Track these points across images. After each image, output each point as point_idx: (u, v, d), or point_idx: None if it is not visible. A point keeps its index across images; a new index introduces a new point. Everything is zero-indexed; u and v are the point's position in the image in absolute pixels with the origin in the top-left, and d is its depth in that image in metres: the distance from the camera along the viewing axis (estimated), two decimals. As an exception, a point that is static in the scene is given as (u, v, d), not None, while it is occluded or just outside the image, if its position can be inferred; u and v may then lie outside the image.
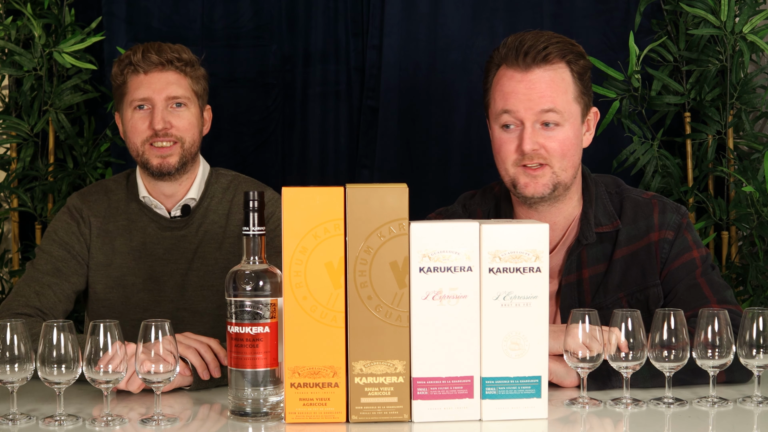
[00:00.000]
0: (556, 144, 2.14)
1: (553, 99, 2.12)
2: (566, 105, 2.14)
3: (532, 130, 2.13)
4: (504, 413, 1.78)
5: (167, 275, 2.45)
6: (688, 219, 2.26)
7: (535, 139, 2.13)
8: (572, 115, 2.16)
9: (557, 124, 2.13)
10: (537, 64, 2.13)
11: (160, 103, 2.39)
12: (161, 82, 2.40)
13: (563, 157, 2.15)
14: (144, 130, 2.40)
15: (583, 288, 2.22)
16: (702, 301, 2.15)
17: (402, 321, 1.76)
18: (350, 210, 1.75)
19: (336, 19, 3.11)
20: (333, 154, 3.14)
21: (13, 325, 1.77)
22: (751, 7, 2.97)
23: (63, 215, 2.47)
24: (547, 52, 2.13)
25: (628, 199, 2.26)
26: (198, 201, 2.48)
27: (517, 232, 1.77)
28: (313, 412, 1.76)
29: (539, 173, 2.15)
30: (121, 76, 2.43)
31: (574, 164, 2.18)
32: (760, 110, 3.06)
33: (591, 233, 2.21)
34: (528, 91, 2.12)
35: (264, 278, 1.77)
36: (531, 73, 2.13)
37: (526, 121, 2.13)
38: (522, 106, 2.12)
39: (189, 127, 2.42)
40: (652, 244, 2.22)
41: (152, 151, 2.40)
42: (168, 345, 1.78)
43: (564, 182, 2.17)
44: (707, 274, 2.20)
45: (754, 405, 1.87)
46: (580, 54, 2.19)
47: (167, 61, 2.40)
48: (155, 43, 2.43)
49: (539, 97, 2.12)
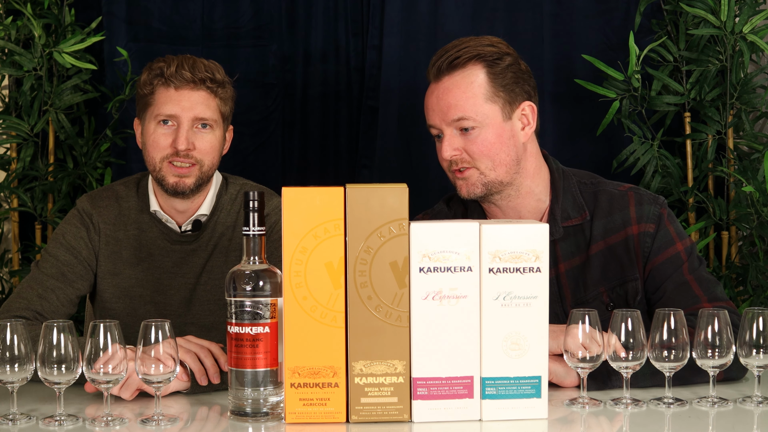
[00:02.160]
0: (476, 147, 2.19)
1: (461, 107, 2.18)
2: (476, 108, 2.18)
3: (451, 137, 2.20)
4: (504, 413, 1.78)
5: (174, 289, 2.44)
6: (668, 209, 2.26)
7: (454, 145, 2.20)
8: (487, 117, 2.19)
9: (473, 128, 2.18)
10: (445, 71, 2.20)
11: (186, 123, 2.33)
12: (190, 100, 2.34)
13: (486, 157, 2.19)
14: (165, 146, 2.34)
15: (561, 282, 2.23)
16: (693, 300, 2.15)
17: (402, 321, 1.76)
18: (350, 210, 1.75)
19: (336, 19, 3.11)
20: (333, 154, 3.14)
21: (13, 325, 1.77)
22: (751, 7, 2.98)
23: (72, 218, 2.44)
24: (453, 57, 2.18)
25: (603, 192, 2.27)
26: (209, 216, 2.46)
27: (517, 232, 1.77)
28: (313, 412, 1.76)
29: (466, 175, 2.21)
30: (150, 85, 2.36)
31: (504, 162, 2.21)
32: (760, 110, 3.06)
33: (557, 228, 2.23)
34: (438, 102, 2.21)
35: (264, 278, 1.77)
36: (441, 83, 2.21)
37: (444, 131, 2.21)
38: (437, 118, 2.22)
39: (210, 150, 2.37)
40: (631, 238, 2.22)
41: (170, 168, 2.34)
42: (168, 348, 1.78)
43: (496, 180, 2.21)
44: (695, 270, 2.20)
45: (754, 405, 1.88)
46: (499, 52, 2.20)
47: (200, 80, 2.34)
48: (190, 58, 2.37)
49: (447, 108, 2.19)
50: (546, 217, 2.25)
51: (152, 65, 2.39)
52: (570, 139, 3.10)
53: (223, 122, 2.41)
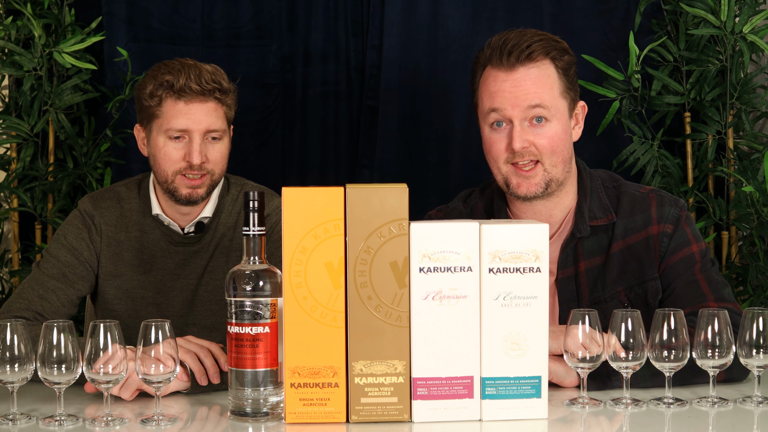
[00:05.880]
0: (546, 140, 2.16)
1: (539, 95, 2.15)
2: (553, 100, 2.16)
3: (521, 127, 2.15)
4: (504, 413, 1.78)
5: (176, 290, 2.44)
6: (687, 212, 2.27)
7: (524, 136, 2.15)
8: (559, 111, 2.18)
9: (546, 119, 2.16)
10: (521, 62, 2.15)
11: (198, 137, 2.33)
12: (200, 113, 2.32)
13: (553, 153, 2.17)
14: (178, 160, 2.33)
15: (579, 281, 2.23)
16: (700, 299, 2.16)
17: (402, 321, 1.76)
18: (350, 210, 1.75)
19: (336, 19, 3.11)
20: (333, 154, 3.14)
21: (13, 325, 1.77)
22: (751, 7, 2.98)
23: (74, 219, 2.44)
24: (530, 50, 2.16)
25: (626, 194, 2.27)
26: (211, 217, 2.46)
27: (517, 232, 1.77)
28: (313, 412, 1.76)
29: (531, 174, 2.17)
30: (156, 97, 2.33)
31: (565, 159, 2.20)
32: (760, 110, 3.06)
33: (585, 226, 2.22)
34: (514, 89, 2.15)
35: (264, 278, 1.77)
36: (515, 72, 2.16)
37: (515, 119, 2.15)
38: (509, 103, 2.15)
39: (221, 159, 2.38)
40: (651, 238, 2.22)
41: (183, 181, 2.34)
42: (168, 348, 1.78)
43: (556, 178, 2.19)
44: (706, 270, 2.21)
45: (754, 405, 1.87)
46: (564, 50, 2.21)
47: (209, 91, 2.32)
48: (195, 67, 2.33)
49: (525, 94, 2.14)
50: (572, 215, 2.25)
51: (157, 75, 2.34)
52: (570, 139, 3.09)
53: (229, 129, 2.42)
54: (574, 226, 2.23)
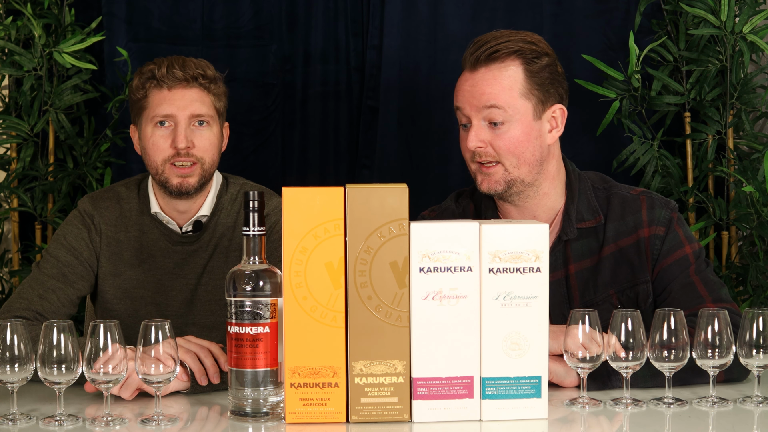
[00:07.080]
0: (503, 142, 2.18)
1: (494, 95, 2.16)
2: (510, 101, 2.17)
3: (479, 128, 2.19)
4: (504, 413, 1.78)
5: (176, 289, 2.44)
6: (679, 213, 2.26)
7: (481, 137, 2.19)
8: (518, 112, 2.17)
9: (503, 122, 2.17)
10: (482, 62, 2.18)
11: (183, 121, 2.34)
12: (185, 99, 2.35)
13: (512, 154, 2.18)
14: (166, 148, 2.35)
15: (570, 283, 2.23)
16: (697, 300, 2.15)
17: (402, 321, 1.76)
18: (350, 210, 1.75)
19: (336, 19, 3.11)
20: (333, 154, 3.14)
21: (13, 325, 1.77)
22: (751, 7, 2.98)
23: (74, 219, 2.44)
24: (494, 50, 2.18)
25: (616, 195, 2.27)
26: (209, 216, 2.46)
27: (517, 232, 1.77)
28: (313, 412, 1.76)
29: (491, 171, 2.20)
30: (142, 89, 2.37)
31: (529, 161, 2.20)
32: (760, 110, 3.06)
33: (572, 229, 2.23)
34: (471, 88, 2.19)
35: (264, 278, 1.77)
36: (477, 72, 2.19)
37: (473, 119, 2.19)
38: (467, 103, 2.20)
39: (210, 147, 2.38)
40: (642, 240, 2.22)
41: (173, 170, 2.35)
42: (168, 348, 1.78)
43: (521, 179, 2.20)
44: (701, 271, 2.20)
45: (754, 405, 1.88)
46: (540, 52, 2.20)
47: (192, 77, 2.35)
48: (179, 58, 2.38)
49: (480, 94, 2.17)
50: (560, 217, 2.25)
51: (142, 69, 2.39)
52: (570, 139, 3.09)
53: (218, 118, 2.42)
54: (561, 228, 2.23)
